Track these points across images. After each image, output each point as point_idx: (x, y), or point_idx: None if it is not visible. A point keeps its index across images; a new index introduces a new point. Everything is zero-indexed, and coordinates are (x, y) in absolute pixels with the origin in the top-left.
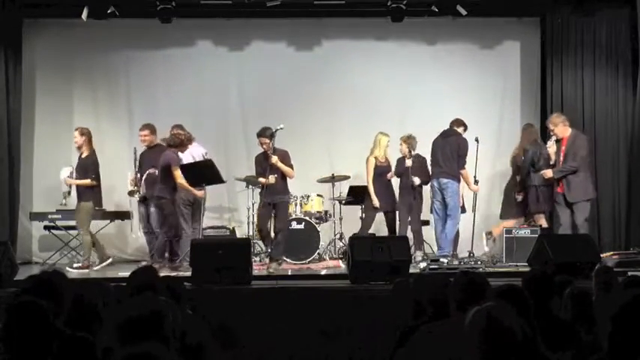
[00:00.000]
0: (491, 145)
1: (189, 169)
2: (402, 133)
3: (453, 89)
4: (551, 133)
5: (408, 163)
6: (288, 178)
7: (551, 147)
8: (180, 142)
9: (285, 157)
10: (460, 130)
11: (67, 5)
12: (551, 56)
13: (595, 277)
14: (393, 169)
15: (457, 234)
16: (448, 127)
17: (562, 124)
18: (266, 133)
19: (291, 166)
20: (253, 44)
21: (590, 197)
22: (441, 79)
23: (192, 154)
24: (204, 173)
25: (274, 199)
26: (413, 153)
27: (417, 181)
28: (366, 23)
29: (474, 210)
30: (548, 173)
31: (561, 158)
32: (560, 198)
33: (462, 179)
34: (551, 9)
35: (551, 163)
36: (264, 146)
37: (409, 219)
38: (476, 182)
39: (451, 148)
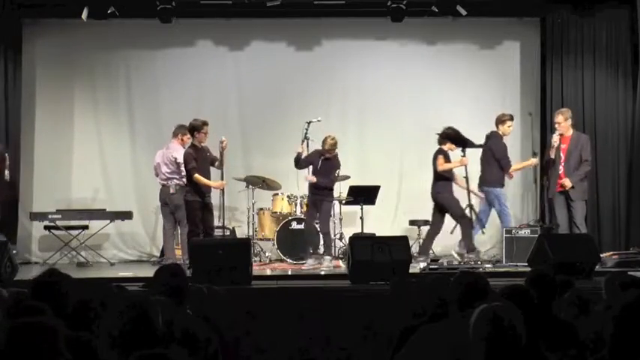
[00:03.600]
0: None
1: None
2: (402, 133)
3: (452, 89)
4: (556, 126)
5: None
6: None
7: (556, 141)
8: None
9: None
10: (500, 127)
11: (67, 5)
12: (551, 56)
13: (606, 284)
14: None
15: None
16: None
17: (570, 121)
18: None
19: None
20: (253, 44)
21: (586, 198)
22: (441, 79)
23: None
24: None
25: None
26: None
27: (312, 179)
28: (366, 23)
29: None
30: (568, 183)
31: (562, 156)
32: (559, 198)
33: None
34: (551, 9)
35: (552, 157)
36: (205, 136)
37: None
38: (534, 155)
39: (486, 154)
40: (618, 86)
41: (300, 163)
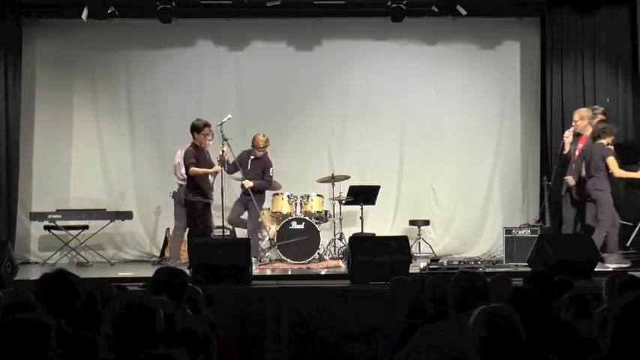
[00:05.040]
0: (492, 145)
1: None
2: (402, 133)
3: (452, 89)
4: (573, 124)
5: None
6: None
7: (568, 137)
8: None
9: None
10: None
11: (67, 5)
12: (552, 56)
13: (606, 285)
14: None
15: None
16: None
17: (588, 120)
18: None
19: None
20: (253, 44)
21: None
22: (441, 79)
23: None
24: None
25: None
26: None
27: (247, 184)
28: (366, 23)
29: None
30: (571, 181)
31: (576, 154)
32: (567, 197)
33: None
34: (551, 9)
35: (564, 152)
36: (205, 137)
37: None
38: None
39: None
40: (618, 86)
41: (228, 168)
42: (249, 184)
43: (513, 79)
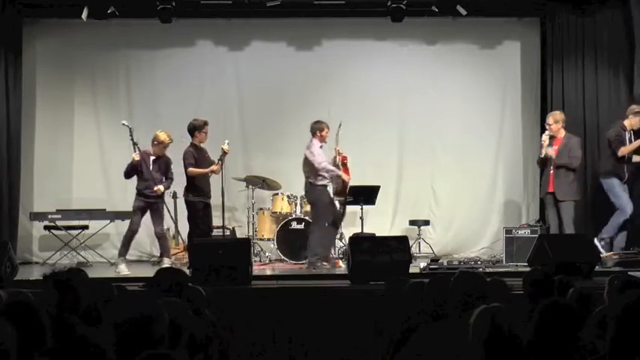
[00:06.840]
0: (492, 144)
1: None
2: (402, 133)
3: (453, 89)
4: (547, 127)
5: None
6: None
7: (545, 140)
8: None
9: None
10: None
11: (67, 5)
12: (552, 56)
13: (609, 284)
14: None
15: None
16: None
17: (562, 123)
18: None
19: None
20: (253, 44)
21: (577, 198)
22: (441, 79)
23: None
24: None
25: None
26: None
27: (160, 189)
28: (366, 23)
29: None
30: (552, 152)
31: (553, 157)
32: (549, 198)
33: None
34: (551, 9)
35: (541, 156)
36: (206, 135)
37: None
38: None
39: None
40: (619, 85)
41: (129, 172)
42: (162, 189)
43: (513, 79)
